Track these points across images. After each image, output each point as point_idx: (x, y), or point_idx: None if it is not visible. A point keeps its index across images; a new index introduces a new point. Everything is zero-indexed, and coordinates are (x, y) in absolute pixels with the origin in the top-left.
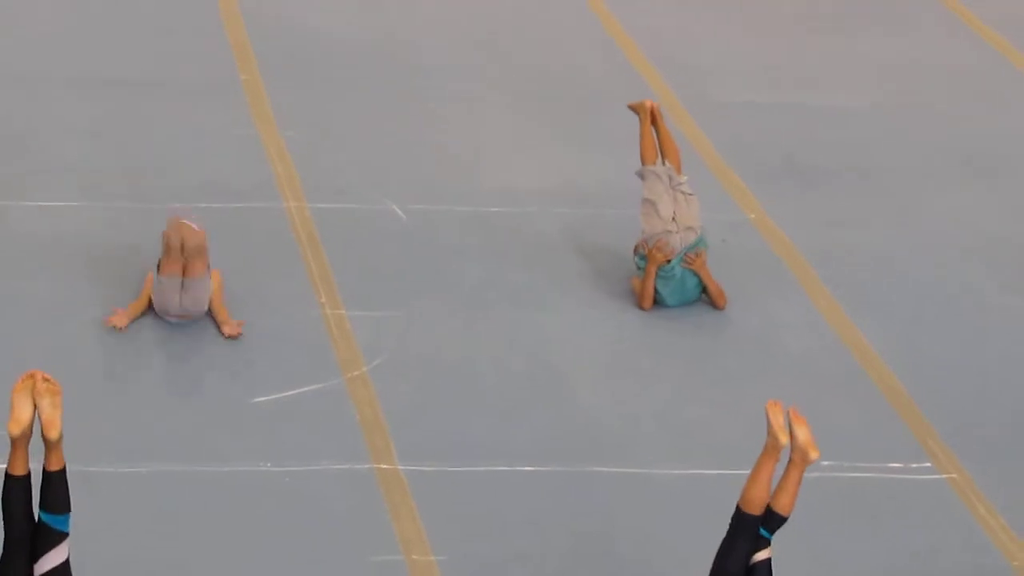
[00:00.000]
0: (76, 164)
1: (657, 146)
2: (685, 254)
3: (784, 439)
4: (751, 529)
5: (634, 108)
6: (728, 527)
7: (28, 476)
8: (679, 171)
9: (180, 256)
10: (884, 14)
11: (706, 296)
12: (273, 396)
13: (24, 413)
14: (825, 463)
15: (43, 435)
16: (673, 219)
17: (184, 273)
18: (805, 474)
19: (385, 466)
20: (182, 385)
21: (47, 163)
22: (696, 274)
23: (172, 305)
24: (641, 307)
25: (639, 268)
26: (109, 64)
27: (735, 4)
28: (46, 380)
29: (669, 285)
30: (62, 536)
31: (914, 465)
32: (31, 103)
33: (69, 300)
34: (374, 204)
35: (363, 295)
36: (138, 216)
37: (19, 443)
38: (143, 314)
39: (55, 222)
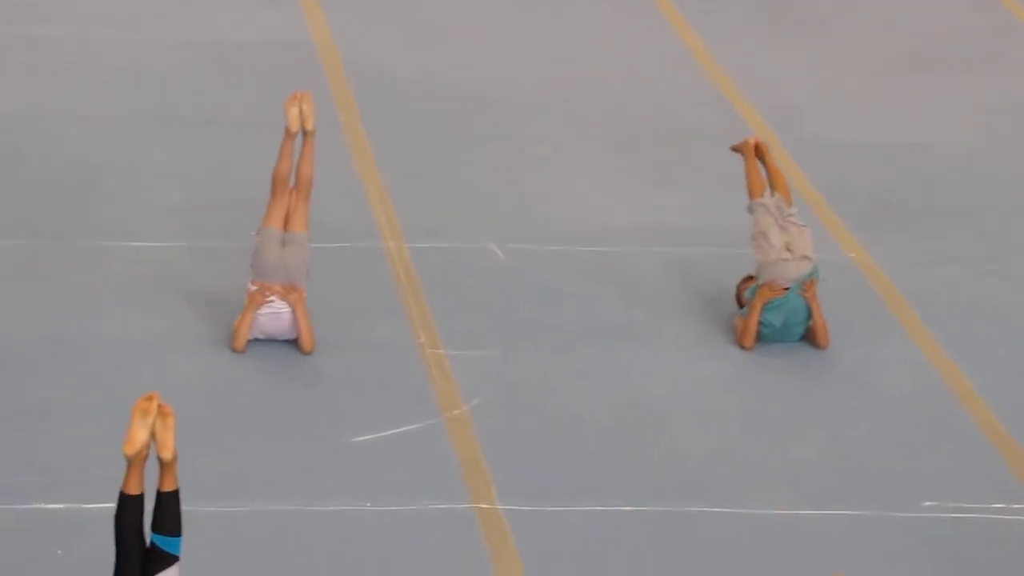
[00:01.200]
0: (176, 204)
1: (765, 180)
2: (802, 282)
3: None
4: None
5: (737, 149)
6: None
7: (142, 497)
8: (789, 202)
9: (287, 189)
10: (978, 52)
11: (809, 332)
12: (372, 436)
13: (140, 434)
14: (927, 503)
15: (157, 456)
16: (787, 248)
17: (286, 226)
18: (905, 515)
19: (484, 506)
20: (281, 423)
21: (148, 203)
22: (808, 305)
23: (272, 259)
24: (742, 345)
25: (741, 306)
26: (209, 105)
27: (826, 41)
28: (160, 404)
29: (778, 310)
30: (173, 559)
31: (1016, 506)
32: (132, 143)
33: (170, 337)
34: (472, 243)
35: (462, 334)
36: (237, 255)
37: (135, 463)
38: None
39: (156, 261)
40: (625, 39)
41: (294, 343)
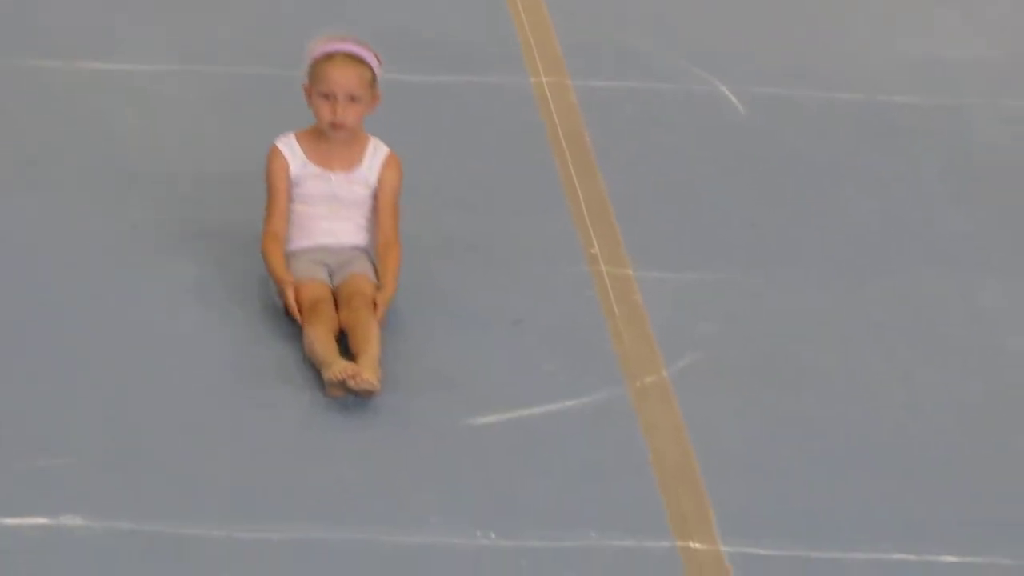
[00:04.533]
0: None
1: None
2: None
3: None
4: None
5: None
6: None
7: None
8: None
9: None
10: None
11: None
12: (501, 416)
13: None
14: None
15: None
16: None
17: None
18: None
19: (698, 546)
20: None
21: None
22: None
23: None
24: None
25: None
26: None
27: None
28: None
29: None
30: None
31: None
32: None
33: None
34: (686, 83)
35: (663, 243)
36: None
37: None
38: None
39: None
40: None
41: None
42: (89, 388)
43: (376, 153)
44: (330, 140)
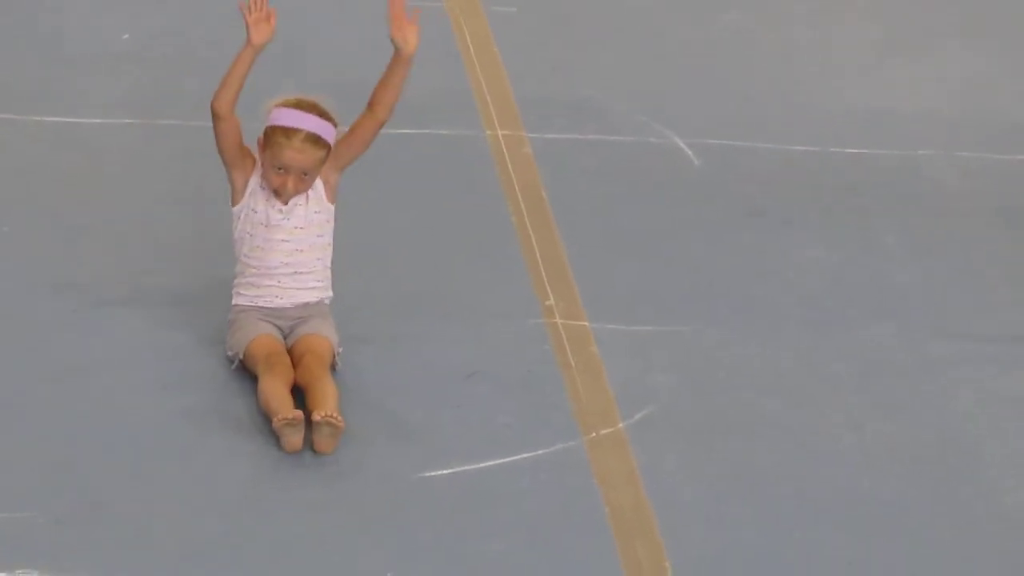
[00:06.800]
0: None
1: None
2: None
3: None
4: None
5: None
6: None
7: None
8: None
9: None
10: None
11: None
12: (455, 469)
13: None
14: None
15: None
16: None
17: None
18: None
19: None
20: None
21: None
22: None
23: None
24: None
25: None
26: None
27: None
28: None
29: None
30: None
31: None
32: None
33: None
34: (641, 135)
35: (619, 295)
36: None
37: None
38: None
39: None
40: None
41: None
42: (41, 441)
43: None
44: None
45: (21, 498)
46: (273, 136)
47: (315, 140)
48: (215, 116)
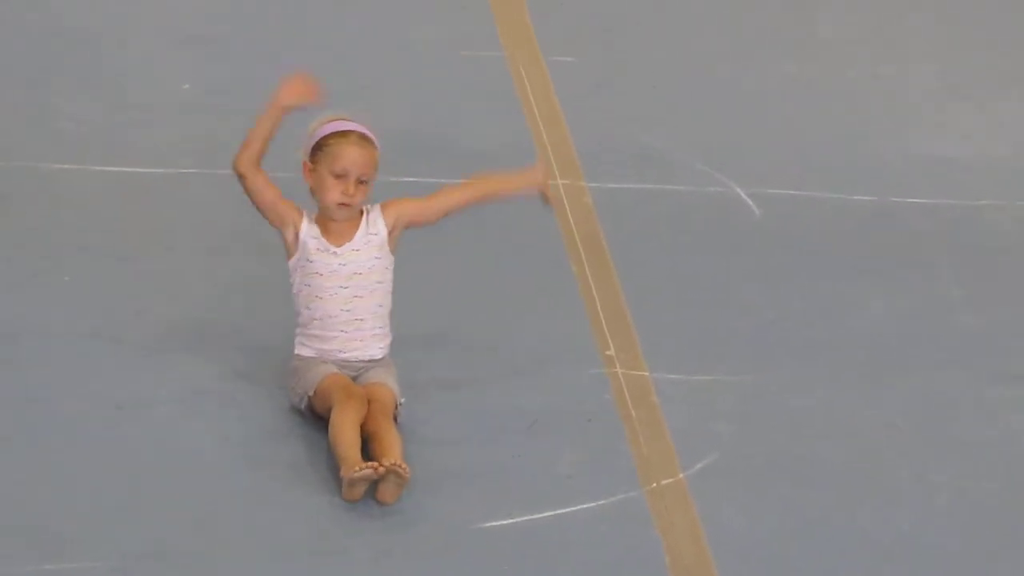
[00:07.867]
0: None
1: None
2: None
3: None
4: None
5: None
6: None
7: None
8: None
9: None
10: None
11: None
12: (516, 519)
13: None
14: None
15: None
16: None
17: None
18: None
19: None
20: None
21: None
22: None
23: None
24: None
25: None
26: None
27: None
28: None
29: None
30: None
31: None
32: None
33: None
34: (701, 185)
35: (679, 345)
36: None
37: None
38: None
39: None
40: None
41: None
42: (102, 489)
43: (371, 211)
44: (332, 220)
45: (81, 546)
46: (326, 144)
47: (368, 139)
48: (238, 177)
